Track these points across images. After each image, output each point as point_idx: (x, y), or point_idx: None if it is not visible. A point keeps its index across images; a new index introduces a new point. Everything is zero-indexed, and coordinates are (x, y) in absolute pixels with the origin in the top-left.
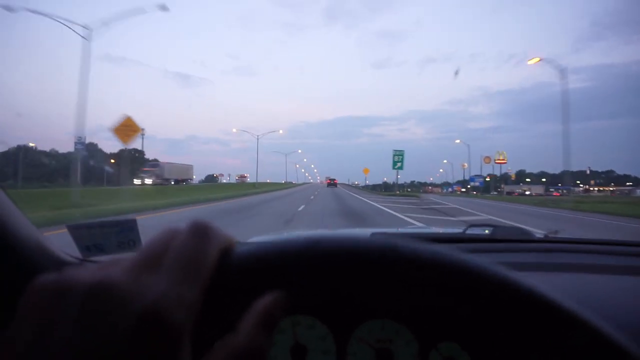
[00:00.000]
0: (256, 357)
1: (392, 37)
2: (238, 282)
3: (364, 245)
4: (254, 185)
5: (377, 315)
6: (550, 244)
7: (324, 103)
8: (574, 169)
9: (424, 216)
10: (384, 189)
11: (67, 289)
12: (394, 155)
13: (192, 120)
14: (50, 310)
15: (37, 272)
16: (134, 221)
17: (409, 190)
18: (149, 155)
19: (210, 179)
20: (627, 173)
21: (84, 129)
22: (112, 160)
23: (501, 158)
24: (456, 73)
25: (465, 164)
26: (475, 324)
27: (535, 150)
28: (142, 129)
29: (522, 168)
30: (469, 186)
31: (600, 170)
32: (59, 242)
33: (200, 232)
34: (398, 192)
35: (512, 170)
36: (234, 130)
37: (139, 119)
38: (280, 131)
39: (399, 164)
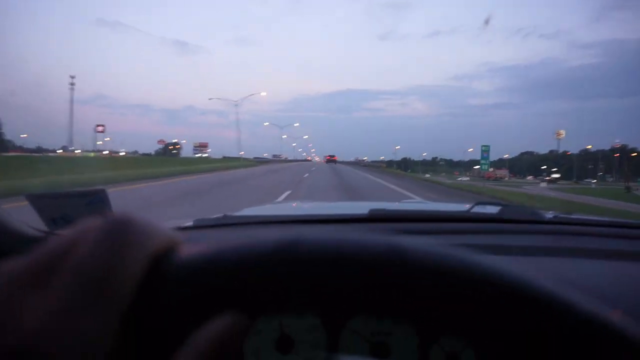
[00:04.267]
0: None
1: (397, 7)
2: (180, 298)
3: (350, 249)
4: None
5: (373, 308)
6: (561, 225)
7: (325, 75)
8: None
9: None
10: (406, 168)
11: None
12: (483, 151)
13: (190, 90)
14: None
15: None
16: (103, 191)
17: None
18: (148, 126)
19: (166, 152)
20: None
21: None
22: None
23: None
24: (486, 22)
25: (562, 132)
26: (479, 319)
27: (543, 127)
28: (72, 77)
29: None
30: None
31: None
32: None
33: (117, 233)
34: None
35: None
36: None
37: (132, 87)
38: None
39: (485, 165)
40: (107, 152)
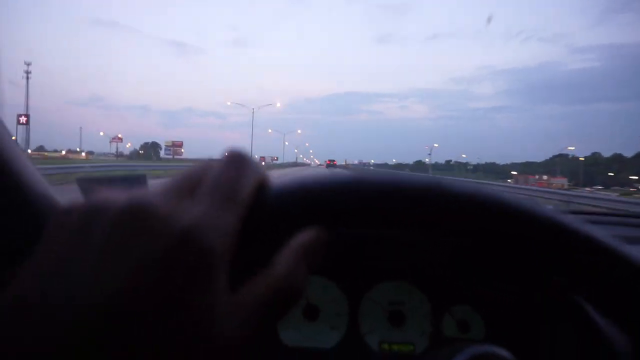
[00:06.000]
0: (295, 289)
1: (396, 10)
2: (275, 216)
3: (409, 183)
4: None
5: (391, 277)
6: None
7: (324, 78)
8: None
9: None
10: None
11: (98, 210)
12: None
13: (189, 91)
14: (78, 232)
15: (45, 224)
16: (144, 177)
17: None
18: (144, 128)
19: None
20: None
21: None
22: None
23: None
24: (489, 20)
25: None
26: (491, 284)
27: (542, 130)
28: (27, 65)
29: (597, 151)
30: None
31: None
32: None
33: (237, 161)
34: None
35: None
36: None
37: (129, 88)
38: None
39: None
40: (64, 152)
